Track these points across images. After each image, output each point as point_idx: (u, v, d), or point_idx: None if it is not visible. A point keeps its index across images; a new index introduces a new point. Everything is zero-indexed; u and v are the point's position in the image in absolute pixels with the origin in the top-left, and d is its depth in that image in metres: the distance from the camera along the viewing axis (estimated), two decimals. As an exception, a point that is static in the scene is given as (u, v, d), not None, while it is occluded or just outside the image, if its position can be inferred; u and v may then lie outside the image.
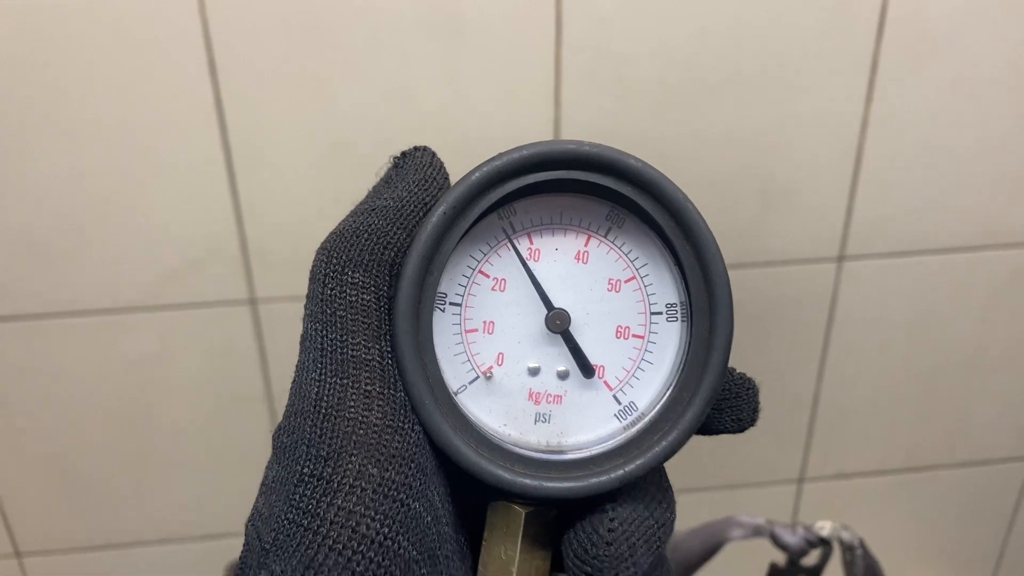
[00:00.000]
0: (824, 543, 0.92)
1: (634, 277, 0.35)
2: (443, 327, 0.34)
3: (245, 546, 0.31)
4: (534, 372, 0.35)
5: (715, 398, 0.34)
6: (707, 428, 0.36)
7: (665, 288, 0.35)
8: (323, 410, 0.31)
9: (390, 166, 0.35)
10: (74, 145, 0.88)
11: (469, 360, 0.35)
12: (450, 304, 0.34)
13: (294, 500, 0.29)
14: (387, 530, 0.29)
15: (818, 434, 1.16)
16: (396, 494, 0.30)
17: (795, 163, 0.97)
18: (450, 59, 0.88)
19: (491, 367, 0.35)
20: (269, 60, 0.86)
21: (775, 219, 1.00)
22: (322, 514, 0.29)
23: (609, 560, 0.31)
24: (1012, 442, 1.21)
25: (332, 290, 0.32)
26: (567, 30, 0.88)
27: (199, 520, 1.12)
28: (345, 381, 0.31)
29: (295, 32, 0.85)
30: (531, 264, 0.34)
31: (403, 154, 0.35)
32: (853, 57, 0.92)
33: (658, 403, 0.35)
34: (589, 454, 0.34)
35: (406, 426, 0.31)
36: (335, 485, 0.29)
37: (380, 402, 0.31)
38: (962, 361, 1.13)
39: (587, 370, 0.35)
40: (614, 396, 0.35)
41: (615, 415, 0.35)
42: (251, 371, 1.02)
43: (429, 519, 0.31)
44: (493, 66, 0.89)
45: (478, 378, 0.35)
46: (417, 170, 0.34)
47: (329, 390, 0.31)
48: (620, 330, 0.35)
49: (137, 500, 1.09)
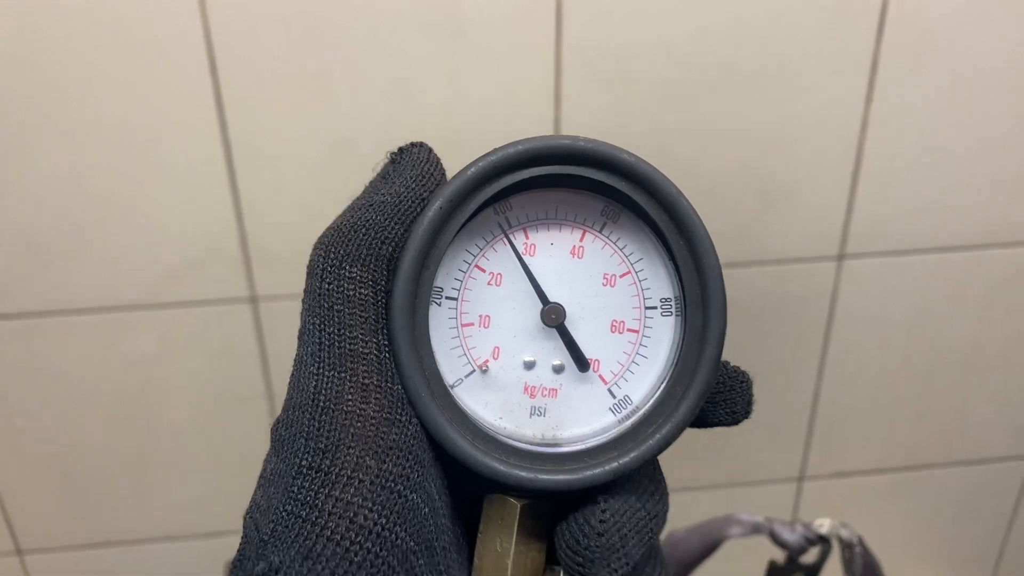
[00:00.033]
0: (823, 541, 0.92)
1: (629, 272, 0.35)
2: (439, 321, 0.34)
3: (243, 538, 0.31)
4: (530, 366, 0.35)
5: (709, 391, 0.34)
6: (702, 421, 0.36)
7: (660, 283, 0.35)
8: (321, 403, 0.31)
9: (387, 162, 0.35)
10: (75, 144, 0.88)
11: (465, 354, 0.35)
12: (446, 298, 0.34)
13: (292, 492, 0.29)
14: (384, 521, 0.29)
15: (818, 432, 1.16)
16: (394, 485, 0.30)
17: (795, 162, 0.97)
18: (450, 58, 0.88)
19: (487, 361, 0.35)
20: (269, 59, 0.86)
21: (775, 218, 1.00)
22: (320, 505, 0.29)
23: (600, 551, 0.31)
24: (1011, 441, 1.21)
25: (330, 284, 0.32)
26: (567, 28, 0.88)
27: (200, 518, 1.12)
28: (343, 375, 0.31)
29: (295, 31, 0.85)
30: (527, 259, 0.35)
31: (400, 150, 0.35)
32: (853, 56, 0.93)
33: (652, 397, 0.35)
34: (584, 447, 0.34)
35: (403, 419, 0.32)
36: (333, 477, 0.29)
37: (377, 395, 0.31)
38: (961, 359, 1.13)
39: (582, 364, 0.35)
40: (609, 390, 0.35)
41: (610, 409, 0.35)
42: (252, 369, 1.02)
43: (427, 510, 0.31)
44: (493, 65, 0.89)
45: (474, 372, 0.35)
46: (414, 166, 0.34)
47: (327, 384, 0.31)
48: (615, 324, 0.35)
49: (138, 498, 1.09)
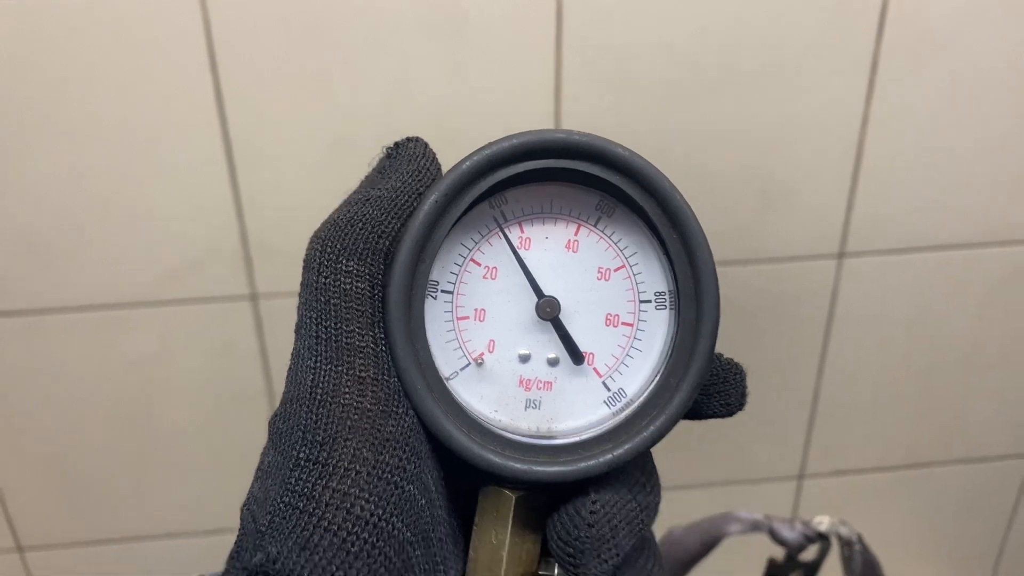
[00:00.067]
0: (822, 538, 0.92)
1: (623, 266, 0.35)
2: (435, 314, 0.35)
3: (240, 530, 0.31)
4: (525, 359, 0.35)
5: (702, 384, 0.34)
6: (697, 413, 0.36)
7: (654, 276, 0.35)
8: (318, 397, 0.31)
9: (383, 156, 0.36)
10: (75, 143, 0.89)
11: (460, 347, 0.35)
12: (442, 292, 0.35)
13: (290, 484, 0.30)
14: (381, 511, 0.29)
15: (818, 430, 1.16)
16: (390, 476, 0.30)
17: (796, 161, 0.97)
18: (451, 56, 0.88)
19: (482, 354, 0.35)
20: (270, 58, 0.87)
21: (775, 216, 1.00)
22: (318, 496, 0.29)
23: (591, 542, 0.32)
24: (1010, 439, 1.21)
25: (326, 278, 0.32)
26: (567, 27, 0.88)
27: (200, 515, 1.12)
28: (340, 368, 0.31)
29: (296, 30, 0.86)
30: (522, 252, 0.35)
31: (396, 145, 0.35)
32: (853, 55, 0.93)
33: (646, 390, 0.35)
34: (578, 439, 0.34)
35: (400, 411, 0.32)
36: (330, 469, 0.29)
37: (374, 388, 0.31)
38: (961, 358, 1.13)
39: (577, 357, 0.35)
40: (603, 383, 0.35)
41: (604, 401, 0.35)
42: (252, 367, 1.02)
43: (423, 502, 0.31)
44: (494, 64, 0.89)
45: (469, 364, 0.35)
46: (411, 161, 0.35)
47: (324, 377, 0.31)
48: (609, 318, 0.35)
49: (138, 495, 1.10)
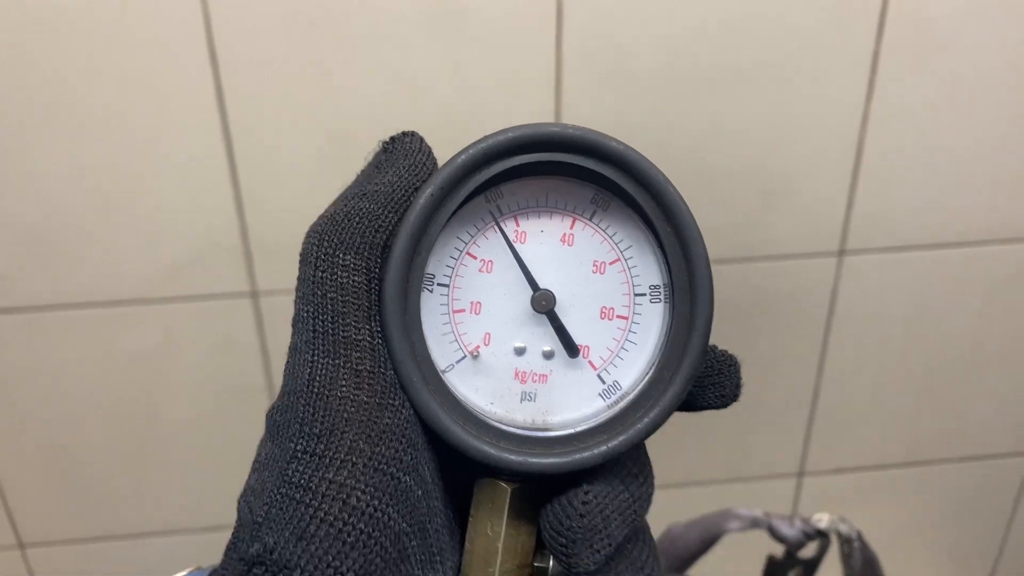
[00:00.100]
0: (822, 535, 0.92)
1: (618, 259, 0.35)
2: (431, 307, 0.35)
3: (237, 521, 0.31)
4: (520, 352, 0.35)
5: (695, 376, 0.34)
6: (692, 404, 0.36)
7: (649, 270, 0.35)
8: (315, 390, 0.31)
9: (379, 151, 0.36)
10: (77, 140, 0.89)
11: (456, 340, 0.35)
12: (438, 285, 0.35)
13: (287, 475, 0.30)
14: (377, 502, 0.29)
15: (817, 428, 1.16)
16: (387, 468, 0.30)
17: (796, 158, 0.97)
18: (452, 51, 0.88)
19: (478, 347, 0.35)
20: (270, 53, 0.87)
21: (775, 213, 1.00)
22: (314, 488, 0.29)
23: (583, 532, 0.32)
24: (1011, 437, 1.21)
25: (323, 272, 0.32)
26: (568, 22, 0.88)
27: (201, 511, 1.12)
28: (337, 361, 0.31)
29: (296, 25, 0.86)
30: (517, 246, 0.35)
31: (392, 139, 0.36)
32: (854, 53, 0.93)
33: (641, 382, 0.35)
34: (573, 431, 0.35)
35: (396, 403, 0.32)
36: (327, 460, 0.30)
37: (370, 381, 0.31)
38: (961, 355, 1.13)
39: (572, 350, 0.35)
40: (598, 376, 0.35)
41: (599, 394, 0.35)
42: (252, 363, 1.02)
43: (420, 493, 0.32)
44: (494, 59, 0.89)
45: (465, 357, 0.35)
46: (407, 155, 0.35)
47: (321, 370, 0.31)
48: (604, 311, 0.35)
49: (139, 491, 1.10)
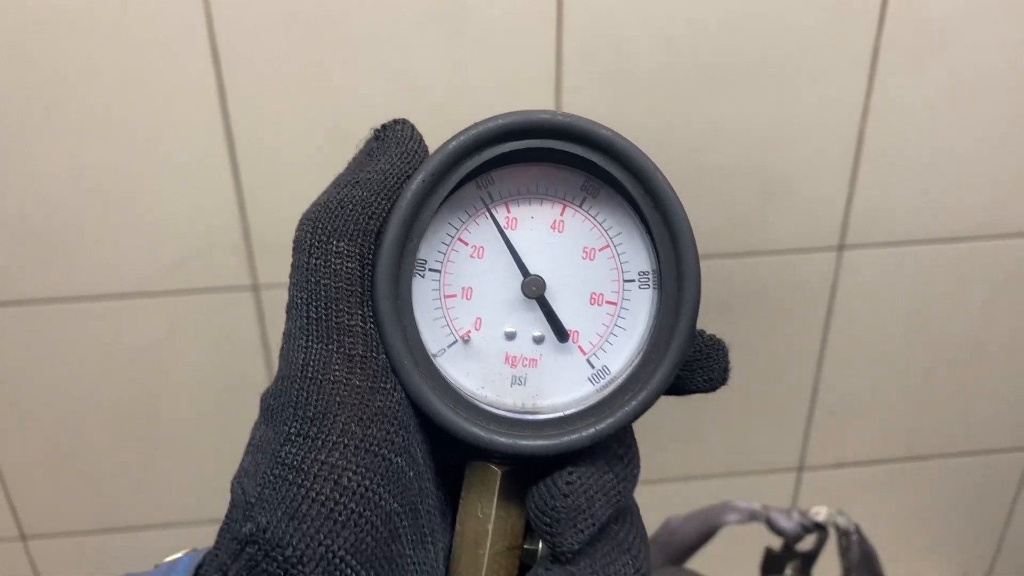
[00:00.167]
0: (820, 528, 0.92)
1: (608, 246, 0.36)
2: (423, 293, 0.35)
3: (231, 502, 0.32)
4: (511, 337, 0.36)
5: (683, 360, 0.35)
6: (681, 388, 0.36)
7: (638, 256, 0.36)
8: (309, 374, 0.31)
9: (370, 139, 0.36)
10: (79, 139, 0.89)
11: (448, 324, 0.36)
12: (429, 270, 0.35)
13: (280, 456, 0.30)
14: (368, 483, 0.30)
15: (817, 423, 1.16)
16: (378, 449, 0.31)
17: (796, 153, 0.97)
18: (451, 50, 0.89)
19: (469, 331, 0.36)
20: (272, 51, 0.87)
21: (775, 208, 1.00)
22: (307, 469, 0.30)
23: (566, 511, 0.32)
24: (1011, 432, 1.21)
25: (317, 259, 0.33)
26: (568, 22, 0.88)
27: (203, 504, 1.13)
28: (330, 347, 0.32)
29: (298, 23, 0.86)
30: (508, 232, 0.35)
31: (383, 127, 0.36)
32: (854, 50, 0.93)
33: (630, 366, 0.36)
34: (563, 414, 0.35)
35: (388, 387, 0.32)
36: (320, 443, 0.30)
37: (363, 365, 0.32)
38: (960, 350, 1.13)
39: (562, 335, 0.35)
40: (588, 360, 0.36)
41: (589, 379, 0.36)
42: (254, 357, 1.03)
43: (411, 474, 0.32)
44: (494, 58, 0.89)
45: (456, 342, 0.36)
46: (398, 143, 0.35)
47: (315, 356, 0.32)
48: (594, 297, 0.36)
49: (141, 484, 1.10)
